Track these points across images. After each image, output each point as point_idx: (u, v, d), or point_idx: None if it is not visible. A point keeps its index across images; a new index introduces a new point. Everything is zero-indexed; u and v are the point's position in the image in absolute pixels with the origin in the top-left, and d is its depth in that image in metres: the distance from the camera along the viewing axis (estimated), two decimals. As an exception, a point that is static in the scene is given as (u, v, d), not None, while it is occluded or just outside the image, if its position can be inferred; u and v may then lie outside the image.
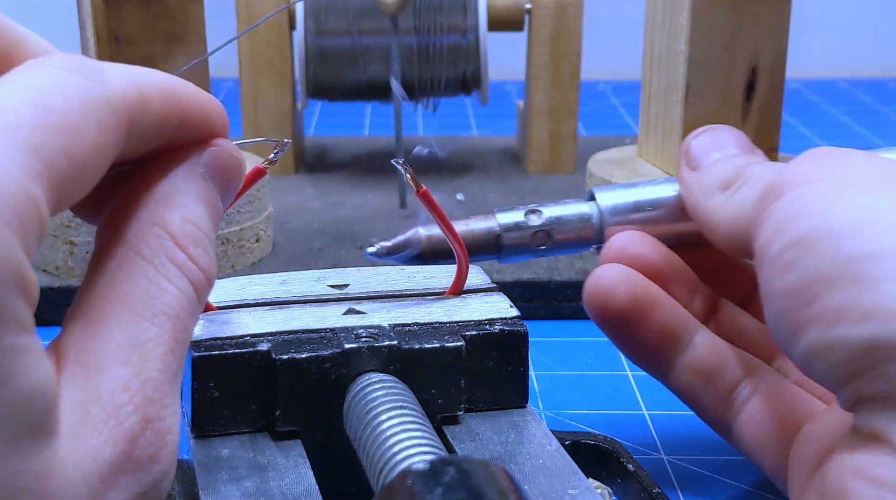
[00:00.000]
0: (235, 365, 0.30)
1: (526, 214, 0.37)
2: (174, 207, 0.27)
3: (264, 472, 0.29)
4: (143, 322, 0.25)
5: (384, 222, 0.67)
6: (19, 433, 0.21)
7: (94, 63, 0.25)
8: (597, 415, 0.48)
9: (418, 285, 0.35)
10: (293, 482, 0.29)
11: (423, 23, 0.73)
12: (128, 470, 0.23)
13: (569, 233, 0.37)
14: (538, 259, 0.61)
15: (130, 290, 0.25)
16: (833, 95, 1.11)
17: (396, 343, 0.31)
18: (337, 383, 0.30)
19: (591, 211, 0.38)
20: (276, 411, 0.30)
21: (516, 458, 0.30)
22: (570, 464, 0.30)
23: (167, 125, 0.27)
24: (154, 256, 0.26)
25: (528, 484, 0.29)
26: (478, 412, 0.32)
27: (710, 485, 0.42)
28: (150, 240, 0.26)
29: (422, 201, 0.33)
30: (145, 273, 0.25)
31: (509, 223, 0.37)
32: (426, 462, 0.23)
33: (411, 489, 0.22)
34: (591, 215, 0.38)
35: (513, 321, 0.33)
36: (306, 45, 0.73)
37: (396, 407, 0.29)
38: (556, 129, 0.78)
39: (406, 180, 0.33)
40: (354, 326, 0.32)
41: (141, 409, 0.24)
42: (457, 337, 0.32)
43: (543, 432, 0.32)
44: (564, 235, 0.37)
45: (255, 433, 0.31)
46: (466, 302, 0.34)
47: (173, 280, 0.26)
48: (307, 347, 0.31)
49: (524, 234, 0.37)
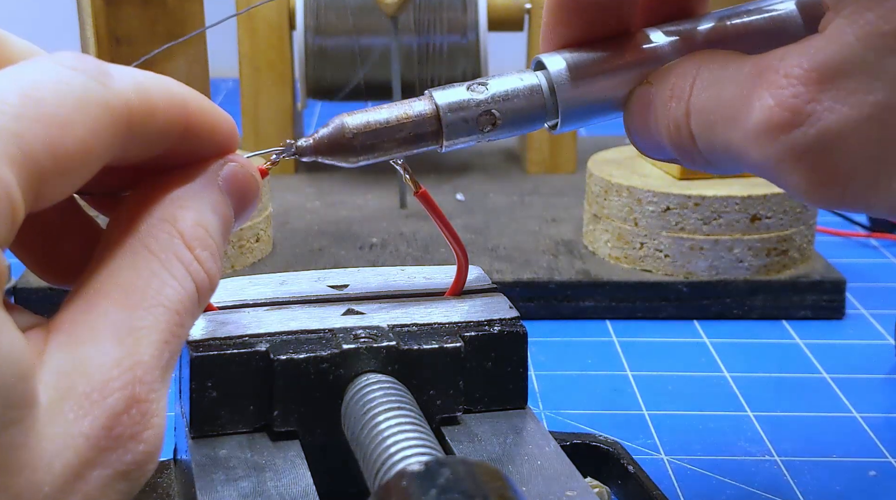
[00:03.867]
0: (234, 365, 0.30)
1: (468, 89, 0.32)
2: (187, 209, 0.27)
3: (262, 472, 0.29)
4: (141, 310, 0.25)
5: (384, 222, 0.67)
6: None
7: (101, 65, 0.25)
8: (597, 415, 0.48)
9: (418, 286, 0.35)
10: (290, 482, 0.29)
11: (423, 22, 0.73)
12: (107, 447, 0.23)
13: (519, 109, 0.32)
14: (539, 258, 0.61)
15: (133, 279, 0.25)
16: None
17: (395, 344, 0.31)
18: (335, 383, 0.30)
19: (541, 81, 0.33)
20: (274, 411, 0.30)
21: (514, 459, 0.30)
22: (569, 465, 0.30)
23: (172, 133, 0.27)
24: (161, 250, 0.26)
25: (525, 485, 0.29)
26: (477, 413, 0.32)
27: (710, 485, 0.42)
28: (160, 235, 0.26)
29: (420, 201, 0.33)
30: (150, 266, 0.25)
31: (450, 102, 0.32)
32: (421, 463, 0.23)
33: (406, 490, 0.22)
34: (540, 87, 0.33)
35: (512, 322, 0.33)
36: (306, 44, 0.73)
37: (394, 408, 0.29)
38: (556, 129, 0.78)
39: (405, 180, 0.33)
40: (353, 326, 0.32)
41: (128, 387, 0.24)
42: (456, 338, 0.32)
43: (542, 433, 0.32)
44: (514, 111, 0.32)
45: (253, 433, 0.31)
46: (466, 303, 0.34)
47: (177, 277, 0.26)
48: (305, 347, 0.31)
49: (468, 114, 0.32)
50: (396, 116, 0.32)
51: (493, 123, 0.32)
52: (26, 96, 0.23)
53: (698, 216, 0.57)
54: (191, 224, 0.27)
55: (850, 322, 0.58)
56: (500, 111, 0.32)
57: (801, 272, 0.59)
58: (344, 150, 0.31)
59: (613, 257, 0.60)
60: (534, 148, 0.78)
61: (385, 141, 0.31)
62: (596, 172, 0.61)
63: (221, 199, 0.28)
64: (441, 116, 0.32)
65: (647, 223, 0.58)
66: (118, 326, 0.24)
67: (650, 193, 0.58)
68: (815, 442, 0.46)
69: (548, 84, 0.32)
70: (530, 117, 0.33)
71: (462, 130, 0.32)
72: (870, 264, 0.66)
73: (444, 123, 0.32)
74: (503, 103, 0.32)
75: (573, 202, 0.71)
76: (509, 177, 0.78)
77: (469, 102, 0.32)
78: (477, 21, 0.73)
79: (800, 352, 0.55)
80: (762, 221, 0.57)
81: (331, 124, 0.31)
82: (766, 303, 0.58)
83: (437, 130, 0.32)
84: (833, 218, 0.73)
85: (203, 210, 0.27)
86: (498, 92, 0.32)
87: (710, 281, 0.58)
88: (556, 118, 0.33)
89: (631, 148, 0.66)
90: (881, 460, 0.44)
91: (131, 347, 0.24)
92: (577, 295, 0.59)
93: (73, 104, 0.23)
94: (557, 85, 0.32)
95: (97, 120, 0.24)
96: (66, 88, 0.24)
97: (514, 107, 0.32)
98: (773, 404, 0.49)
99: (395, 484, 0.23)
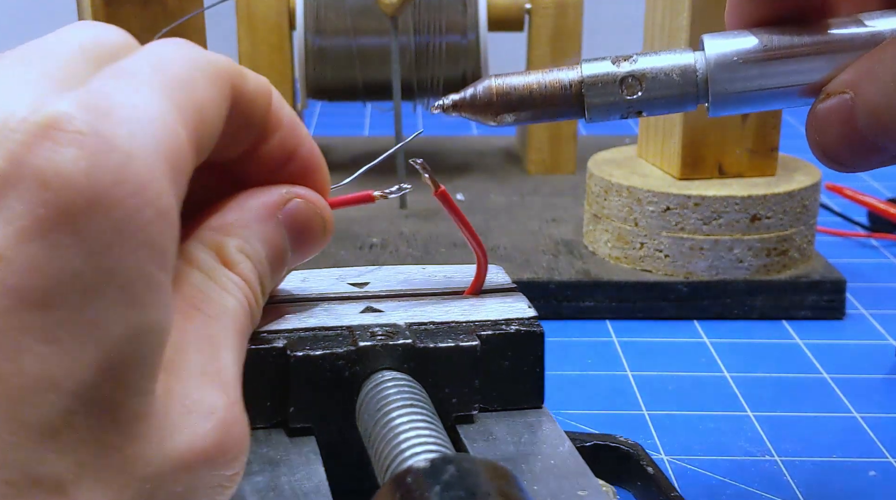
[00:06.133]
0: (251, 361, 0.30)
1: (615, 62, 0.32)
2: (233, 237, 0.28)
3: (276, 467, 0.29)
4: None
5: (384, 222, 0.67)
6: (126, 363, 0.21)
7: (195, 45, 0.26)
8: (597, 415, 0.48)
9: (438, 285, 0.35)
10: (304, 477, 0.29)
11: (423, 22, 0.73)
12: (223, 449, 0.24)
13: (667, 86, 0.32)
14: (539, 258, 0.61)
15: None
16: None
17: (411, 342, 0.31)
18: (351, 380, 0.30)
19: (697, 61, 0.32)
20: (290, 407, 0.30)
21: (528, 458, 0.30)
22: (582, 465, 0.30)
23: (258, 110, 0.28)
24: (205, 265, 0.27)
25: (537, 484, 0.29)
26: (493, 412, 0.32)
27: (710, 485, 0.42)
28: (201, 256, 0.27)
29: (440, 201, 0.33)
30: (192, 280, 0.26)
31: (595, 74, 0.32)
32: (427, 460, 0.23)
33: (410, 487, 0.22)
34: (694, 67, 0.32)
35: (529, 322, 0.33)
36: (306, 45, 0.73)
37: (407, 405, 0.29)
38: (556, 129, 0.78)
39: (425, 180, 0.33)
40: (370, 324, 0.32)
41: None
42: (472, 337, 0.32)
43: (557, 432, 0.32)
44: (661, 90, 0.32)
45: (269, 428, 0.31)
46: (484, 302, 0.34)
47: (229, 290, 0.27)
48: (322, 344, 0.31)
49: (612, 87, 0.32)
50: (543, 81, 0.32)
51: (639, 98, 0.32)
52: (158, 66, 0.24)
53: (698, 216, 0.57)
54: (233, 250, 0.27)
55: (850, 322, 0.58)
56: (646, 87, 0.32)
57: (801, 272, 0.59)
58: (485, 109, 0.32)
59: (613, 257, 0.61)
60: (534, 148, 0.78)
61: (529, 105, 0.32)
62: (596, 172, 0.61)
63: (276, 232, 0.29)
64: (584, 87, 0.32)
65: (647, 223, 0.58)
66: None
67: (650, 193, 0.58)
68: (815, 442, 0.46)
69: (703, 67, 0.31)
70: (679, 98, 0.32)
71: (606, 103, 0.32)
72: (870, 264, 0.66)
73: (587, 94, 0.32)
74: (651, 81, 0.32)
75: (573, 202, 0.71)
76: (509, 177, 0.78)
77: (614, 76, 0.32)
78: (477, 21, 0.73)
79: (800, 352, 0.55)
80: (762, 221, 0.57)
81: (478, 84, 0.32)
82: (766, 303, 0.58)
83: (581, 101, 0.32)
84: (833, 218, 0.73)
85: (251, 239, 0.28)
86: (646, 68, 0.32)
87: (710, 281, 0.58)
88: (708, 102, 0.32)
89: (631, 148, 0.66)
90: (881, 460, 0.44)
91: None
92: (577, 295, 0.59)
93: (192, 66, 0.25)
94: (712, 69, 0.31)
95: (214, 79, 0.25)
96: (184, 53, 0.25)
97: (662, 85, 0.32)
98: (773, 404, 0.49)
99: (401, 480, 0.23)
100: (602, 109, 0.32)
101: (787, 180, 0.59)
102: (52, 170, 0.20)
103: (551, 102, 0.32)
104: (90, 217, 0.20)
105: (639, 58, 0.32)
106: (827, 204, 0.73)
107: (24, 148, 0.20)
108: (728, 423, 0.47)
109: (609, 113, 0.32)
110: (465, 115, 0.32)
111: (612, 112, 0.32)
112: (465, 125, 0.99)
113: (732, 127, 0.59)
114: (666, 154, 0.61)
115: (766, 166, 0.60)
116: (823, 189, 0.71)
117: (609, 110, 0.32)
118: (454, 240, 0.65)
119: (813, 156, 0.31)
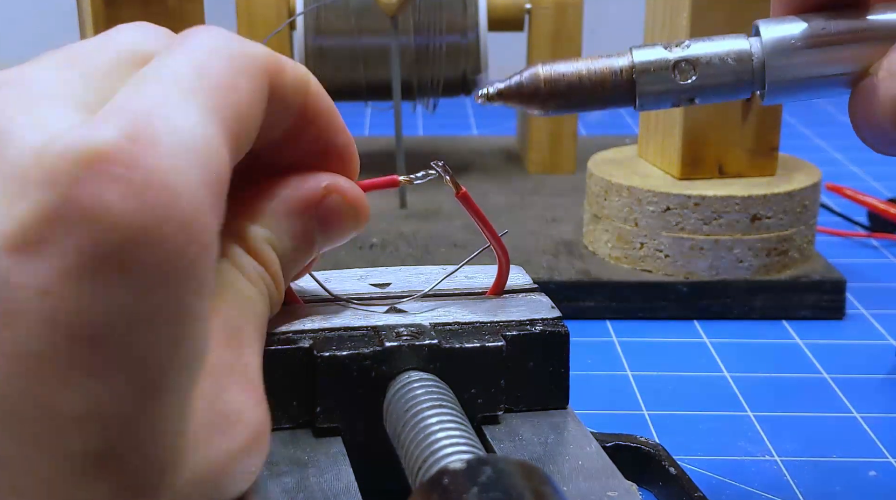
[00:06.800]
0: (277, 361, 0.30)
1: (667, 48, 0.31)
2: (258, 227, 0.28)
3: (304, 468, 0.29)
4: None
5: (384, 222, 0.67)
6: (167, 390, 0.22)
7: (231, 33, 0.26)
8: (597, 415, 0.48)
9: (460, 285, 0.35)
10: (333, 478, 0.29)
11: (423, 22, 0.73)
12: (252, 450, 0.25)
13: (721, 73, 0.31)
14: (539, 258, 0.61)
15: None
16: (833, 95, 1.10)
17: (437, 342, 0.31)
18: (377, 380, 0.31)
19: (752, 47, 0.31)
20: (316, 407, 0.31)
21: (555, 459, 0.30)
22: (610, 466, 0.30)
23: (295, 101, 0.28)
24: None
25: (566, 485, 0.29)
26: (518, 413, 0.32)
27: (710, 485, 0.42)
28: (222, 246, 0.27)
29: (461, 203, 0.33)
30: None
31: (646, 61, 0.31)
32: (463, 461, 0.23)
33: (447, 488, 0.22)
34: (750, 54, 0.31)
35: (554, 322, 0.33)
36: (306, 45, 0.73)
37: (436, 406, 0.29)
38: (556, 129, 0.78)
39: (446, 182, 0.33)
40: (395, 324, 0.32)
41: None
42: (497, 337, 0.32)
43: (583, 433, 0.32)
44: (715, 76, 0.31)
45: (295, 429, 0.31)
46: (507, 302, 0.34)
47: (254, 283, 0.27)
48: (348, 344, 0.31)
49: (664, 75, 0.31)
50: (592, 69, 0.31)
51: (692, 84, 0.31)
52: (200, 70, 0.24)
53: (698, 216, 0.57)
54: (261, 241, 0.28)
55: (850, 322, 0.58)
56: (700, 73, 0.31)
57: (802, 272, 0.59)
58: (532, 98, 0.31)
59: (613, 257, 0.61)
60: (534, 148, 0.78)
61: (577, 93, 0.31)
62: (596, 172, 0.61)
63: (307, 225, 0.29)
64: (636, 73, 0.31)
65: (647, 223, 0.58)
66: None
67: (650, 193, 0.58)
68: (815, 442, 0.46)
69: (759, 52, 0.31)
70: (734, 84, 0.31)
71: (658, 90, 0.31)
72: (870, 264, 0.66)
73: (639, 82, 0.31)
74: (705, 67, 0.31)
75: (573, 202, 0.71)
76: (509, 177, 0.78)
77: (666, 62, 0.31)
78: (477, 21, 0.73)
79: (800, 352, 0.55)
80: (762, 221, 0.57)
81: (524, 72, 0.31)
82: (767, 303, 0.58)
83: (632, 88, 0.31)
84: (833, 218, 0.73)
85: (280, 232, 0.28)
86: (699, 54, 0.31)
87: (710, 281, 0.58)
88: (763, 89, 0.31)
89: (631, 148, 0.66)
90: (881, 460, 0.44)
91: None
92: (577, 295, 0.59)
93: (234, 67, 0.24)
94: (768, 55, 0.31)
95: (252, 75, 0.25)
96: (225, 52, 0.25)
97: (717, 70, 0.31)
98: (772, 404, 0.49)
99: (437, 482, 0.23)
100: (654, 96, 0.31)
101: (788, 180, 0.59)
102: (102, 208, 0.20)
103: (601, 90, 0.31)
104: (138, 255, 0.20)
105: (692, 43, 0.31)
106: (827, 204, 0.73)
107: (72, 181, 0.20)
108: (728, 423, 0.47)
109: (661, 101, 0.31)
110: (511, 104, 0.31)
111: (663, 100, 0.31)
112: (464, 125, 0.99)
113: (732, 127, 0.60)
114: (666, 154, 0.61)
115: (767, 166, 0.60)
116: (824, 189, 0.71)
117: (661, 98, 0.31)
118: (454, 240, 0.65)
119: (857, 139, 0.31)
